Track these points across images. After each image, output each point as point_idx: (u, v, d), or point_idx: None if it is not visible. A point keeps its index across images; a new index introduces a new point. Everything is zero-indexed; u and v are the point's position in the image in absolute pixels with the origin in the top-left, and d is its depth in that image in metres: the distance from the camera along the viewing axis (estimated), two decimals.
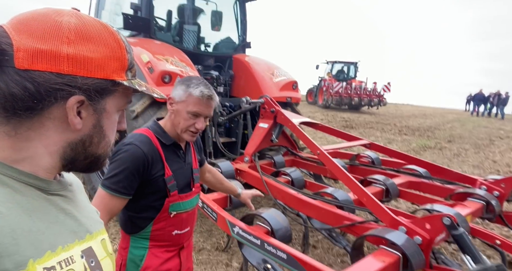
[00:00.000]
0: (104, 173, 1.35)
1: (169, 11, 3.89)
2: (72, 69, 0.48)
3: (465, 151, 7.93)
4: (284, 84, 3.89)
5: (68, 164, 0.54)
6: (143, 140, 1.21)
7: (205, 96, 1.19)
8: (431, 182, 2.60)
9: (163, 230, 1.25)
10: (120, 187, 1.14)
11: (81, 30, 0.49)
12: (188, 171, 1.32)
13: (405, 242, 1.44)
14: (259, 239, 1.66)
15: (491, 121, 17.71)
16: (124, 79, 0.54)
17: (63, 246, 0.49)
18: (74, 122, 0.50)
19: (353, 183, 1.97)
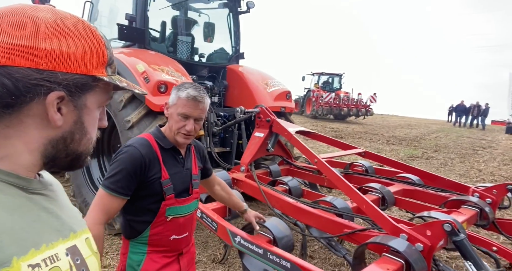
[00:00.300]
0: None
1: (163, 22, 3.92)
2: (51, 65, 0.47)
3: (451, 160, 8.15)
4: (278, 94, 3.94)
5: (49, 161, 0.53)
6: (142, 142, 1.26)
7: (190, 97, 1.23)
8: (425, 189, 2.65)
9: (161, 235, 1.26)
10: (118, 187, 1.18)
11: (58, 25, 0.49)
12: (187, 176, 1.33)
13: (408, 249, 1.45)
14: (261, 248, 1.65)
15: (473, 131, 18.33)
16: (104, 75, 0.54)
17: (47, 244, 0.48)
18: (54, 118, 0.49)
19: (352, 191, 1.99)
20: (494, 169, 7.45)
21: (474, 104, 21.59)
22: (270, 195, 2.49)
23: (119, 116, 2.86)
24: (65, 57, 0.48)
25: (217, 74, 4.21)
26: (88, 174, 3.46)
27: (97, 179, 3.51)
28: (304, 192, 2.74)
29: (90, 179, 3.44)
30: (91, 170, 3.50)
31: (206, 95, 1.28)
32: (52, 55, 0.47)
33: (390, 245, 1.49)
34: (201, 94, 1.25)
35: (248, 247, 1.72)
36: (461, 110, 22.65)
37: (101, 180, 3.50)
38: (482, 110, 21.19)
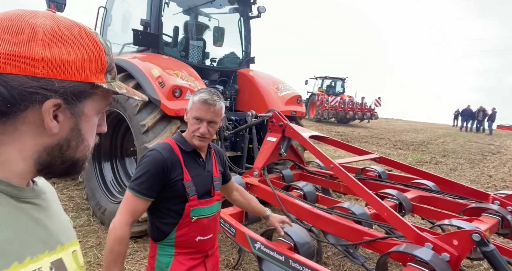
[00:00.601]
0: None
1: (175, 27, 3.95)
2: (47, 73, 0.46)
3: (460, 166, 8.06)
4: (289, 98, 3.94)
5: (43, 168, 0.52)
6: (165, 146, 1.33)
7: (202, 100, 1.28)
8: (442, 196, 2.61)
9: (187, 236, 1.31)
10: (142, 189, 1.25)
11: (57, 32, 0.48)
12: (208, 178, 1.38)
13: (435, 259, 1.42)
14: (283, 255, 1.63)
15: (480, 136, 18.14)
16: (103, 81, 0.53)
17: (31, 257, 0.47)
18: (50, 126, 0.49)
19: (372, 198, 1.97)
20: (505, 174, 7.35)
21: (479, 109, 21.42)
22: (285, 200, 2.48)
23: (134, 121, 2.87)
24: (62, 64, 0.47)
25: (228, 79, 4.22)
26: (101, 177, 3.47)
27: (110, 182, 3.51)
28: (318, 198, 2.72)
29: (104, 183, 3.45)
30: (105, 173, 3.52)
31: (219, 99, 1.31)
32: (49, 62, 0.46)
33: (416, 255, 1.46)
34: (213, 98, 1.29)
35: (269, 253, 1.70)
36: (467, 115, 22.45)
37: (114, 182, 3.53)
38: (488, 115, 21.00)
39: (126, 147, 3.62)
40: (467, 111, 22.45)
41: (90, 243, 3.02)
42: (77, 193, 4.20)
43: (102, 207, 3.31)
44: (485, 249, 1.35)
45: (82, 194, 4.05)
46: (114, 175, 3.57)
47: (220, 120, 1.36)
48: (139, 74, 2.90)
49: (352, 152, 3.23)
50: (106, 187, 3.46)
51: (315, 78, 20.47)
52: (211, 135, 1.33)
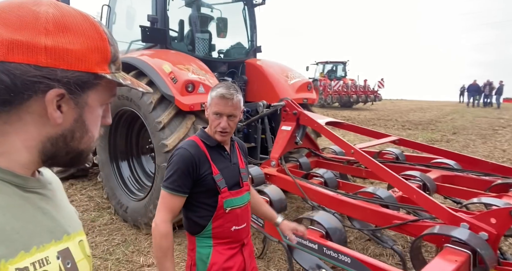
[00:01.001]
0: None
1: (181, 20, 3.88)
2: (50, 62, 0.46)
3: (472, 142, 7.99)
4: (300, 85, 3.88)
5: (48, 159, 0.52)
6: (190, 143, 1.37)
7: (219, 95, 1.30)
8: (466, 174, 2.59)
9: (223, 227, 1.35)
10: (176, 186, 1.30)
11: (60, 21, 0.47)
12: (236, 170, 1.42)
13: (473, 238, 1.41)
14: (316, 244, 1.64)
15: (488, 111, 17.91)
16: (107, 72, 0.52)
17: (38, 247, 0.47)
18: (54, 116, 0.48)
19: (399, 181, 1.96)
20: None
21: (485, 83, 21.05)
22: (306, 188, 2.47)
23: (149, 118, 2.86)
24: (65, 54, 0.47)
25: (236, 70, 4.17)
26: (120, 176, 3.50)
27: (128, 180, 3.54)
28: (339, 184, 2.71)
29: (123, 181, 3.48)
30: (123, 172, 3.54)
31: (236, 92, 1.34)
32: (52, 51, 0.46)
33: (453, 235, 1.46)
34: (230, 92, 1.31)
35: (301, 242, 1.71)
36: (474, 90, 22.11)
37: (132, 180, 3.56)
38: (496, 88, 20.65)
39: (142, 145, 3.63)
40: (474, 86, 22.10)
41: (116, 240, 3.07)
42: (96, 192, 4.25)
43: (124, 205, 3.35)
44: None
45: (101, 194, 4.10)
46: (132, 173, 3.60)
47: (240, 113, 1.38)
48: (150, 71, 2.87)
49: (369, 136, 3.20)
50: (126, 186, 3.50)
51: (316, 63, 20.20)
52: (232, 129, 1.36)
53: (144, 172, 3.63)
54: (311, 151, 3.43)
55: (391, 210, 1.96)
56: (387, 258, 2.79)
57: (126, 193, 3.42)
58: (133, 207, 3.25)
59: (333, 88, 16.98)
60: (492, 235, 1.43)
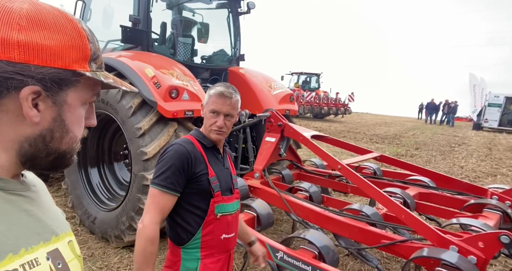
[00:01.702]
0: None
1: (163, 23, 3.73)
2: (24, 57, 0.45)
3: (433, 158, 8.51)
4: (283, 96, 3.88)
5: (26, 161, 0.50)
6: (186, 141, 1.31)
7: (218, 93, 1.28)
8: (441, 192, 2.70)
9: (212, 234, 1.28)
10: (168, 183, 1.21)
11: (34, 16, 0.46)
12: (229, 175, 1.38)
13: (464, 262, 1.44)
14: (310, 265, 1.59)
15: (443, 128, 19.31)
16: (87, 70, 0.51)
17: (26, 248, 0.47)
18: (29, 114, 0.47)
19: (387, 199, 1.98)
20: (474, 165, 7.86)
21: (445, 102, 22.76)
22: (292, 202, 2.43)
23: (128, 124, 2.67)
24: (40, 49, 0.46)
25: (219, 77, 4.08)
26: (88, 184, 3.23)
27: (98, 189, 3.28)
28: (324, 199, 2.71)
29: (91, 190, 3.22)
30: (92, 180, 3.28)
31: (235, 92, 1.33)
32: (25, 47, 0.45)
33: (444, 259, 1.48)
34: (229, 90, 1.30)
35: (293, 263, 1.65)
36: (432, 108, 23.80)
37: (102, 189, 3.30)
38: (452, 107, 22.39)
39: (115, 151, 3.39)
40: (432, 104, 23.78)
41: (82, 255, 2.80)
42: (58, 200, 3.89)
43: (92, 216, 3.09)
44: None
45: (64, 202, 3.76)
46: (102, 181, 3.34)
47: (236, 114, 1.35)
48: (131, 74, 2.70)
49: (350, 150, 3.26)
50: (95, 194, 3.23)
51: (291, 73, 20.64)
52: (228, 129, 1.33)
53: (117, 180, 3.39)
54: (293, 163, 3.42)
55: (379, 229, 1.97)
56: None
57: (95, 203, 3.15)
58: (103, 218, 3.00)
59: (306, 99, 17.44)
60: (480, 259, 1.47)
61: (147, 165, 2.59)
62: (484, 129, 19.20)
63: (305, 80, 20.52)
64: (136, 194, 2.66)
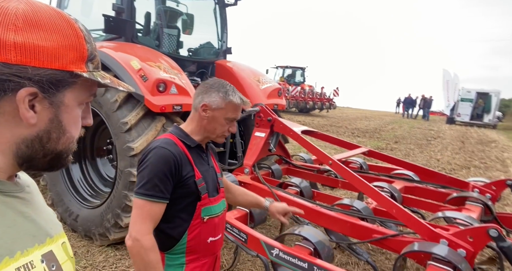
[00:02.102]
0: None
1: (147, 13, 3.57)
2: (20, 59, 0.44)
3: (412, 151, 8.82)
4: (271, 91, 3.86)
5: (24, 162, 0.51)
6: (168, 142, 1.20)
7: (239, 101, 1.25)
8: (425, 186, 2.79)
9: (199, 238, 1.22)
10: (157, 191, 1.13)
11: (31, 17, 0.45)
12: (214, 174, 1.32)
13: (454, 256, 1.49)
14: (306, 262, 1.59)
15: (420, 122, 20.04)
16: (83, 70, 0.51)
17: (22, 251, 0.47)
18: (26, 116, 0.47)
19: (379, 194, 2.02)
20: (449, 158, 8.23)
21: (422, 97, 23.58)
22: (283, 198, 2.43)
23: (113, 118, 2.56)
24: (37, 51, 0.45)
25: (206, 70, 3.99)
26: (69, 180, 3.09)
27: (80, 185, 3.15)
28: (314, 194, 2.73)
29: (73, 186, 3.08)
30: (73, 176, 3.14)
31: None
32: (22, 48, 0.44)
33: (435, 253, 1.52)
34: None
35: (289, 260, 1.65)
36: (409, 103, 24.62)
37: (84, 185, 3.17)
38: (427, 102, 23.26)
39: (98, 146, 3.25)
40: (409, 99, 24.59)
41: None
42: None
43: (73, 213, 2.97)
44: (503, 245, 1.45)
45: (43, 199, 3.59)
46: (85, 177, 3.21)
47: None
48: (116, 66, 2.57)
49: (339, 145, 3.30)
50: (77, 191, 3.10)
51: (276, 67, 20.34)
52: None
53: (100, 176, 3.26)
54: (282, 158, 3.42)
55: (371, 224, 2.01)
56: (352, 266, 2.89)
57: (77, 200, 3.03)
58: (86, 216, 2.89)
59: (291, 94, 17.31)
60: (469, 252, 1.53)
61: (134, 161, 2.50)
62: (457, 123, 20.10)
63: (290, 74, 20.36)
64: (122, 191, 2.57)
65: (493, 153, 9.48)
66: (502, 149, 10.32)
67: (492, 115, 19.26)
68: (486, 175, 6.65)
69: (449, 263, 1.47)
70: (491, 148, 10.40)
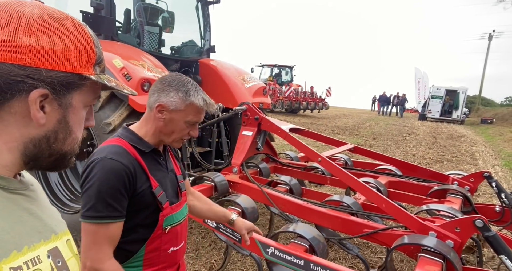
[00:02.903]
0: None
1: (127, 10, 3.45)
2: (35, 61, 0.46)
3: (389, 147, 9.14)
4: (256, 89, 3.86)
5: (30, 161, 0.52)
6: (117, 150, 1.03)
7: (201, 103, 1.09)
8: (408, 180, 2.90)
9: (159, 250, 1.09)
10: (111, 211, 0.97)
11: (44, 21, 0.48)
12: (173, 178, 1.19)
13: (443, 247, 1.55)
14: (302, 259, 1.60)
15: (394, 119, 20.78)
16: (92, 73, 0.53)
17: (29, 246, 0.48)
18: (37, 117, 0.49)
19: (368, 189, 2.07)
20: (424, 152, 8.59)
21: (395, 95, 24.47)
22: (273, 196, 2.44)
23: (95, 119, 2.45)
24: (50, 54, 0.47)
25: (189, 69, 3.92)
26: (46, 184, 2.94)
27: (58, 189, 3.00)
28: (303, 191, 2.76)
29: (50, 190, 2.93)
30: (50, 180, 2.98)
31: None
32: (36, 51, 0.46)
33: (426, 244, 1.58)
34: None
35: (285, 258, 1.66)
36: (384, 100, 25.49)
37: (63, 189, 3.02)
38: (401, 100, 24.18)
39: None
40: (384, 97, 25.46)
41: None
42: None
43: None
44: (488, 234, 1.53)
45: None
46: (63, 181, 3.05)
47: None
48: None
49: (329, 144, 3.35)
50: (54, 195, 2.95)
51: (261, 65, 18.99)
52: None
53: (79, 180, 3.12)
54: (269, 156, 3.43)
55: (361, 219, 2.06)
56: (340, 261, 2.95)
57: (55, 204, 2.88)
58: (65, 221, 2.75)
59: (284, 94, 15.98)
60: (457, 243, 1.60)
61: None
62: (428, 119, 21.04)
63: (277, 73, 19.26)
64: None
65: (463, 147, 10.01)
66: (470, 143, 10.91)
67: (460, 111, 20.32)
68: (458, 168, 7.01)
69: (439, 254, 1.53)
70: (461, 142, 10.97)
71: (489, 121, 20.86)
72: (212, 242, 3.09)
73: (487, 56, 27.95)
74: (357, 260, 2.91)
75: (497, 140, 12.42)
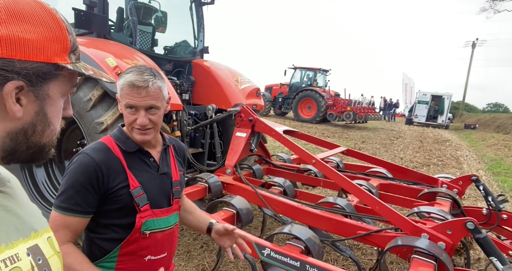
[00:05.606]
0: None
1: (120, 8, 3.40)
2: (6, 52, 0.44)
3: (378, 150, 9.28)
4: (250, 91, 3.86)
5: (7, 155, 0.50)
6: (97, 147, 1.06)
7: (128, 84, 1.00)
8: (398, 183, 2.95)
9: (134, 255, 1.06)
10: (72, 204, 0.98)
11: (13, 9, 0.45)
12: (164, 182, 1.14)
13: (435, 248, 1.59)
14: (298, 261, 1.61)
15: (382, 123, 21.15)
16: (67, 62, 0.51)
17: (6, 244, 0.46)
18: (13, 110, 0.46)
19: (362, 192, 2.09)
20: (411, 156, 8.77)
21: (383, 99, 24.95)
22: (268, 198, 2.44)
23: (86, 118, 2.40)
24: (22, 43, 0.45)
25: (183, 69, 3.89)
26: (34, 185, 2.85)
27: (46, 190, 2.92)
28: (297, 193, 2.77)
29: (38, 191, 2.85)
30: (38, 181, 2.90)
31: (153, 78, 1.03)
32: (7, 41, 0.44)
33: (419, 246, 1.61)
34: (144, 78, 1.01)
35: (281, 260, 1.66)
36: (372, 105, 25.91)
37: (51, 191, 2.94)
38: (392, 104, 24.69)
39: (66, 148, 3.03)
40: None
41: None
42: None
43: None
44: (479, 236, 1.57)
45: None
46: (51, 181, 2.97)
47: (165, 104, 1.09)
48: (90, 64, 2.41)
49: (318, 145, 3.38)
50: (41, 196, 2.87)
51: (294, 68, 16.76)
52: (155, 124, 1.07)
53: None
54: (262, 158, 3.43)
55: (355, 221, 2.08)
56: (332, 263, 2.97)
57: (42, 205, 2.80)
58: None
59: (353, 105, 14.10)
60: (448, 245, 1.64)
61: None
62: (415, 124, 21.51)
63: (310, 78, 16.68)
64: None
65: (448, 151, 10.27)
66: (455, 148, 11.21)
67: (445, 116, 20.87)
68: (444, 171, 7.18)
69: (431, 255, 1.56)
70: (446, 147, 11.26)
71: (472, 127, 21.52)
72: (204, 243, 3.06)
73: (471, 63, 28.89)
74: (348, 262, 2.94)
75: (480, 145, 12.81)
